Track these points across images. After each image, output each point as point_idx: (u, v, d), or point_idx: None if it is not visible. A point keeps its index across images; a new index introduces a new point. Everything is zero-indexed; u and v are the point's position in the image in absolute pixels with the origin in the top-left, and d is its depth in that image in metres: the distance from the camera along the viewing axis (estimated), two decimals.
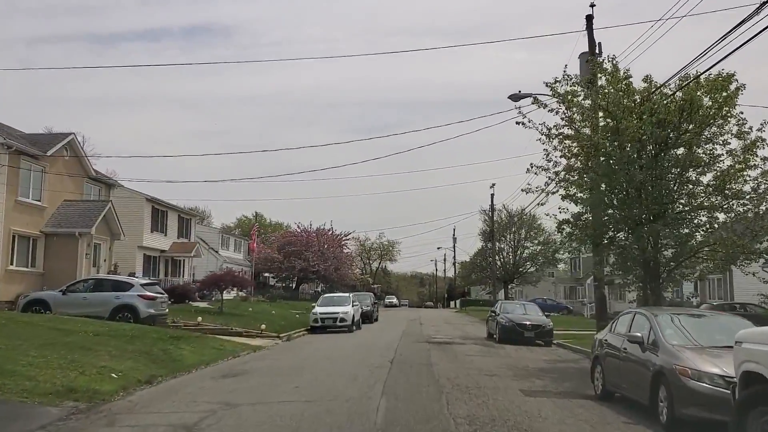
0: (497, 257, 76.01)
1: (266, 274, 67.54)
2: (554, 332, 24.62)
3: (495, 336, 24.79)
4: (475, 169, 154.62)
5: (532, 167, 17.21)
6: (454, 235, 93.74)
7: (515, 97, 21.44)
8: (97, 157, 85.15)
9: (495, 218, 75.17)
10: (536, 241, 73.81)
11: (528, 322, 23.95)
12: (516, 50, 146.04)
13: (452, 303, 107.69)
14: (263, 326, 24.47)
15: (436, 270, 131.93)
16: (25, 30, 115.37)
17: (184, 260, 45.61)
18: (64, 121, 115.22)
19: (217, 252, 53.36)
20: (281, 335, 24.49)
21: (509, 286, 76.02)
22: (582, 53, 21.56)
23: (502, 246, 76.36)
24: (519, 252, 73.64)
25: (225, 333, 23.36)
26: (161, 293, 23.16)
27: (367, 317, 37.62)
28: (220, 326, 24.28)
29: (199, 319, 24.32)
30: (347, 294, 31.86)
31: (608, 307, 22.87)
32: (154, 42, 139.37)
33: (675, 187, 15.15)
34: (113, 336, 15.71)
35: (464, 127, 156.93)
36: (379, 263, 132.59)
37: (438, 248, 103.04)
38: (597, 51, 20.57)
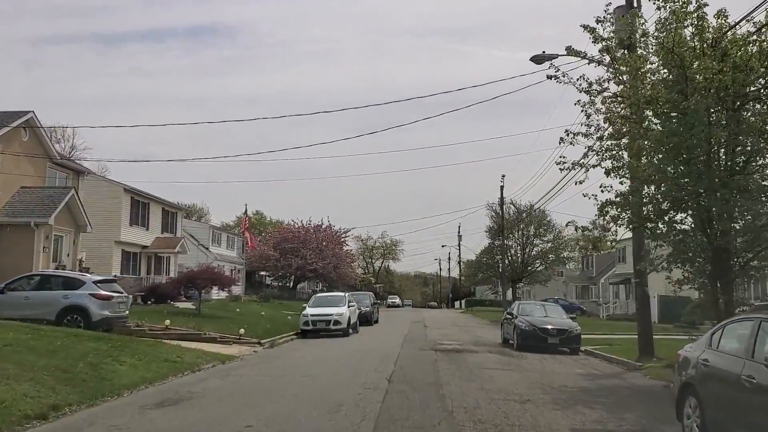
0: (503, 256, 72.66)
1: (263, 273, 64.17)
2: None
3: (512, 342, 21.26)
4: (480, 167, 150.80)
5: (568, 135, 13.69)
6: (459, 232, 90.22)
7: (538, 60, 18.01)
8: (88, 151, 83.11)
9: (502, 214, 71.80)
10: (545, 239, 70.53)
11: (551, 326, 20.41)
12: (519, 50, 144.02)
13: (457, 303, 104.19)
14: (242, 330, 20.96)
15: (440, 269, 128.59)
16: (30, 30, 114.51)
17: (169, 257, 42.17)
18: (69, 120, 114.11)
19: (207, 249, 49.92)
20: (263, 341, 20.99)
21: (517, 286, 72.69)
22: (618, 7, 17.99)
23: (510, 243, 72.97)
24: (528, 250, 70.25)
25: (196, 339, 19.87)
26: (120, 292, 19.63)
27: (366, 319, 34.14)
28: (191, 331, 20.77)
29: (167, 322, 20.82)
30: (342, 293, 28.38)
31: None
32: (158, 42, 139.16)
33: (757, 148, 11.58)
34: (32, 347, 12.22)
35: (469, 125, 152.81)
36: (382, 262, 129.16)
37: (442, 246, 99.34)
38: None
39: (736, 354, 6.75)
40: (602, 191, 13.36)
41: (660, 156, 12.08)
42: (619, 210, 13.29)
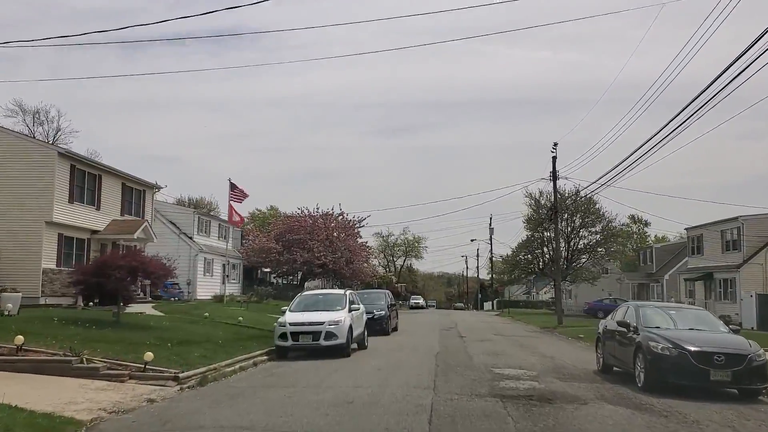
0: (544, 250, 62.98)
1: (267, 270, 55.24)
2: None
3: (637, 374, 11.84)
4: (506, 165, 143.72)
5: None
6: (490, 225, 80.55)
7: None
8: (75, 135, 76.57)
9: (542, 203, 62.17)
10: (593, 230, 60.78)
11: (716, 350, 11.00)
12: (540, 49, 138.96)
13: (486, 304, 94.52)
14: (150, 356, 11.79)
15: (467, 266, 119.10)
16: (55, 35, 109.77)
17: (134, 247, 33.37)
18: (92, 123, 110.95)
19: (190, 238, 41.10)
20: (192, 372, 11.91)
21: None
22: None
23: (551, 235, 63.28)
24: (573, 243, 60.71)
25: (61, 371, 10.95)
26: None
27: (380, 327, 25.03)
28: (62, 355, 11.79)
29: (20, 340, 11.85)
30: (340, 291, 18.98)
31: None
32: (181, 46, 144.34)
33: None
34: None
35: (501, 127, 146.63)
36: (404, 260, 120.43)
37: (471, 240, 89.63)
38: None
39: None
40: None
41: None
42: None
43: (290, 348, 16.48)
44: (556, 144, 36.00)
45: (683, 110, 16.95)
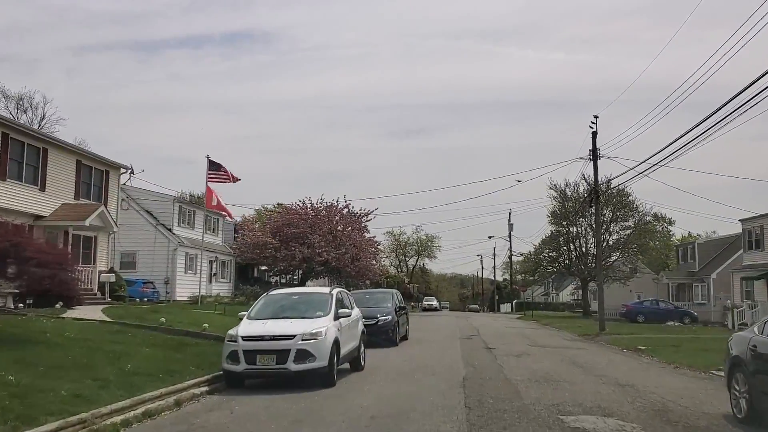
0: (571, 246, 57.11)
1: (263, 268, 49.66)
2: None
3: None
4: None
5: None
6: (509, 221, 74.58)
7: None
8: (62, 123, 72.66)
9: (569, 195, 56.36)
10: (626, 224, 54.89)
11: None
12: (553, 51, 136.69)
13: (503, 306, 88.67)
14: None
15: (482, 266, 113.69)
16: (71, 39, 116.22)
17: (95, 238, 28.09)
18: (108, 126, 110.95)
19: (170, 230, 35.69)
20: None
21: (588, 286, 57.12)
22: None
23: (577, 231, 57.43)
24: (603, 239, 54.87)
25: None
26: None
27: (386, 336, 19.60)
28: None
29: None
30: (325, 290, 13.23)
31: None
32: (196, 49, 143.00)
33: None
34: None
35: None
36: (417, 260, 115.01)
37: (489, 237, 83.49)
38: None
39: None
40: None
41: None
42: None
43: (244, 374, 10.97)
44: (596, 117, 30.23)
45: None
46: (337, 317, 12.10)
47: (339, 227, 45.98)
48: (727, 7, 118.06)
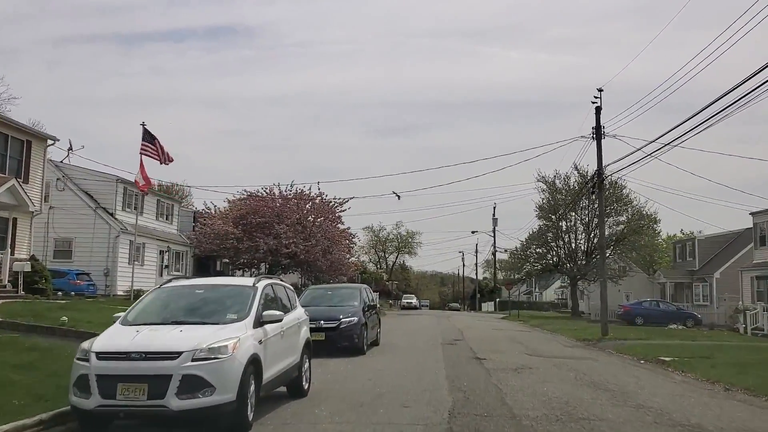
0: (560, 242, 53.35)
1: (226, 261, 45.21)
2: None
3: None
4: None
5: None
6: (494, 215, 70.85)
7: None
8: (14, 102, 68.29)
9: (559, 187, 52.67)
10: (619, 219, 51.28)
11: None
12: (538, 51, 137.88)
13: (484, 305, 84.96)
14: None
15: (464, 263, 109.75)
16: (52, 31, 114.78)
17: (13, 220, 23.66)
18: (89, 119, 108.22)
19: (111, 215, 31.23)
20: None
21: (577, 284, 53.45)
22: None
23: (567, 225, 53.70)
24: (594, 234, 51.42)
25: None
26: None
27: (348, 341, 15.56)
28: None
29: None
30: (246, 282, 8.96)
31: None
32: (179, 42, 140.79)
33: None
34: None
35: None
36: (397, 257, 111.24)
37: (473, 232, 79.18)
38: None
39: None
40: None
41: None
42: None
43: (99, 414, 6.78)
44: (600, 90, 26.26)
45: None
46: (260, 323, 7.96)
47: (310, 217, 41.79)
48: (710, 10, 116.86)
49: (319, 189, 41.71)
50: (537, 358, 16.94)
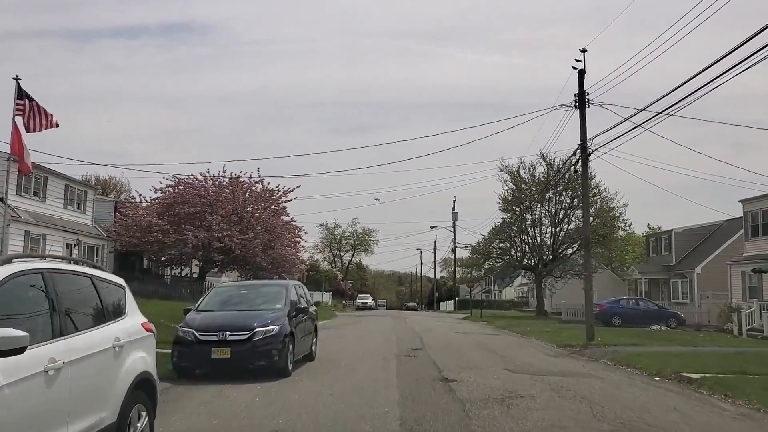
0: (525, 236, 49.50)
1: (153, 257, 39.81)
2: None
3: None
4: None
5: None
6: (453, 209, 66.82)
7: None
8: None
9: (524, 177, 48.75)
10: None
11: None
12: (492, 54, 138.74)
13: (442, 304, 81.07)
14: None
15: (421, 261, 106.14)
16: None
17: None
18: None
19: (1, 199, 25.77)
20: None
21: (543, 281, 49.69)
22: None
23: (532, 218, 49.84)
24: (558, 229, 47.92)
25: None
26: None
27: (266, 359, 11.03)
28: None
29: None
30: None
31: None
32: (131, 39, 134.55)
33: None
34: None
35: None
36: (352, 255, 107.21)
37: (432, 227, 74.81)
38: None
39: None
40: None
41: None
42: None
43: None
44: (584, 51, 22.10)
45: None
46: None
47: (248, 207, 36.79)
48: (658, 13, 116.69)
49: (259, 176, 36.87)
50: (523, 376, 12.57)
